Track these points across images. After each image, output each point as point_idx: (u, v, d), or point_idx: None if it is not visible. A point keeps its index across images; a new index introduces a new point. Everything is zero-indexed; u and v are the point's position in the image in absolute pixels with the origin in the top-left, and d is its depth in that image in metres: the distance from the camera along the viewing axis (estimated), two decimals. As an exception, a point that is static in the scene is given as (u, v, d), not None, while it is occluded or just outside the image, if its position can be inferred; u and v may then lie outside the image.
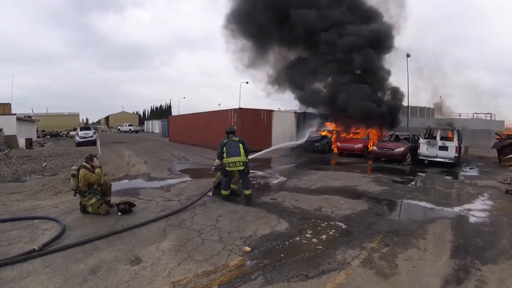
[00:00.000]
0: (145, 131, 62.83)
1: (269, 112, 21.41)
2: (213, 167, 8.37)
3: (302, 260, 4.50)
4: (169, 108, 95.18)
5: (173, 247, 4.83)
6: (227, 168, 7.42)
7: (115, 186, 8.37)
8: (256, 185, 9.53)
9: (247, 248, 4.80)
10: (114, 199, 7.01)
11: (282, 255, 4.63)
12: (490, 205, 8.10)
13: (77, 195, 6.50)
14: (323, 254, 4.74)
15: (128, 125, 59.58)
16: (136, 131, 58.14)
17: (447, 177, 12.25)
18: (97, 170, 6.50)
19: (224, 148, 7.47)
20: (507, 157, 11.93)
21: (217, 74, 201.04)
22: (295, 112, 23.91)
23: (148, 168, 12.97)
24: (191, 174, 11.74)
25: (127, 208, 6.50)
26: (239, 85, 50.01)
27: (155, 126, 56.08)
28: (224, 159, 7.41)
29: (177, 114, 55.13)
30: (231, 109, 20.63)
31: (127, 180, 10.49)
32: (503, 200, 8.57)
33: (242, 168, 7.44)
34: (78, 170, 6.43)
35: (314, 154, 18.87)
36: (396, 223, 6.46)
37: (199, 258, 4.47)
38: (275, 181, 10.54)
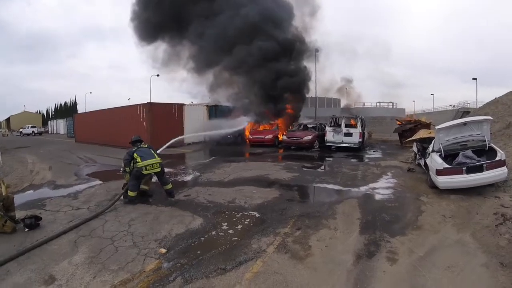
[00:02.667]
0: (49, 132, 57.31)
1: (180, 106, 20.81)
2: (122, 168, 8.01)
3: (219, 254, 4.58)
4: (74, 105, 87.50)
5: (86, 260, 4.56)
6: (143, 172, 7.23)
7: (20, 198, 7.76)
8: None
9: (163, 250, 4.74)
10: (19, 214, 6.34)
11: (198, 252, 4.66)
12: (394, 182, 8.84)
13: None
14: (239, 245, 4.86)
15: (31, 127, 53.79)
16: (40, 133, 52.82)
17: (353, 160, 13.18)
18: None
19: (135, 154, 7.34)
20: (407, 140, 13.40)
21: (127, 68, 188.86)
22: (207, 105, 23.60)
23: (53, 174, 11.96)
24: (100, 177, 11.10)
25: (33, 223, 5.91)
26: (150, 78, 47.86)
27: (60, 126, 51.35)
28: (139, 163, 7.22)
29: (84, 111, 51.10)
30: (140, 104, 19.77)
31: (31, 191, 9.54)
32: (406, 177, 9.40)
33: (159, 169, 7.41)
34: None
35: (227, 146, 18.95)
36: (307, 206, 6.86)
37: (114, 267, 4.30)
38: (189, 177, 10.43)
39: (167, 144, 16.32)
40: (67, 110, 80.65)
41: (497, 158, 7.14)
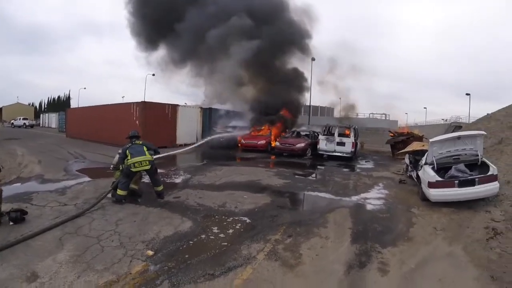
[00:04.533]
0: (41, 125, 56.58)
1: (174, 107, 20.67)
2: (112, 165, 7.88)
3: (208, 259, 4.48)
4: (67, 99, 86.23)
5: (71, 258, 4.44)
6: (132, 169, 7.07)
7: (7, 190, 7.52)
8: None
9: (150, 252, 4.63)
10: (5, 207, 6.16)
11: (187, 256, 4.56)
12: (385, 193, 8.81)
13: None
14: (228, 251, 4.77)
15: (23, 119, 52.94)
16: (31, 126, 51.93)
17: (345, 170, 13.18)
18: None
19: (127, 151, 7.19)
20: (399, 151, 13.46)
21: (123, 65, 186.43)
22: (201, 108, 23.41)
23: (42, 168, 11.75)
24: (89, 174, 10.91)
25: (18, 217, 5.78)
26: (145, 78, 47.64)
27: (52, 119, 50.85)
28: (128, 160, 7.08)
29: (77, 106, 50.55)
30: (133, 103, 19.57)
31: (19, 184, 9.43)
32: (397, 189, 9.37)
33: (149, 167, 7.22)
34: None
35: (220, 150, 18.67)
36: (298, 214, 6.82)
37: (99, 267, 4.18)
38: (179, 179, 10.30)
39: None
40: (60, 104, 79.55)
41: (489, 173, 7.13)
